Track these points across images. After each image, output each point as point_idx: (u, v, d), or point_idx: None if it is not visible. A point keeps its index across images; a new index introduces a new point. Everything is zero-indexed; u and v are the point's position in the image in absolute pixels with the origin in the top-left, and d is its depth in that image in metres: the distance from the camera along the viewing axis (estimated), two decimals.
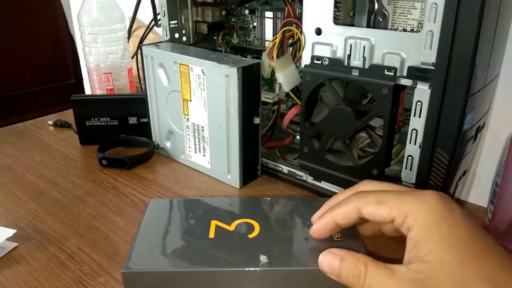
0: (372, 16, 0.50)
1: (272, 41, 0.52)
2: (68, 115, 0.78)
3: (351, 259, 0.32)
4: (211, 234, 0.40)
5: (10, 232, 0.47)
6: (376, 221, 0.33)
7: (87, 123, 0.70)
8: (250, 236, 0.40)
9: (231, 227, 0.41)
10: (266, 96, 0.61)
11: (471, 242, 0.28)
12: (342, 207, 0.34)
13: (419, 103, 0.42)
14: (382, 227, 0.39)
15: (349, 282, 0.31)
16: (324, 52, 0.48)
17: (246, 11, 0.64)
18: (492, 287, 0.26)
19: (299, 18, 0.50)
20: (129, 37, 0.88)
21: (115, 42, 0.76)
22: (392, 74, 0.43)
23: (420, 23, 0.48)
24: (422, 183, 0.44)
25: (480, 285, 0.26)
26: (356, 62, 0.46)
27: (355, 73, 0.46)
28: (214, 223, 0.42)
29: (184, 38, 0.68)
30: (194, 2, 0.66)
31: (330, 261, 0.32)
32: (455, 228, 0.29)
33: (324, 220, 0.36)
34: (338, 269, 0.32)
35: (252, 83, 0.53)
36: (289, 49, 0.53)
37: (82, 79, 1.29)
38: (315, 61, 0.49)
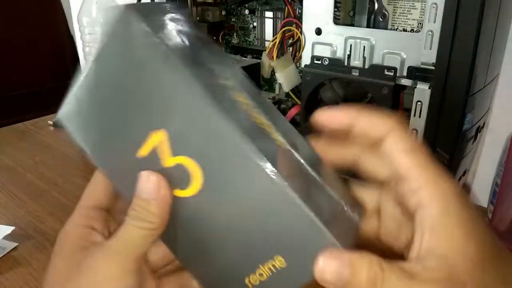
0: (372, 16, 0.50)
1: (272, 41, 0.52)
2: None
3: (362, 261, 0.23)
4: None
5: (9, 229, 0.47)
6: (386, 167, 0.25)
7: None
8: None
9: None
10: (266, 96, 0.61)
11: (489, 240, 0.23)
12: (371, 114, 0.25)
13: (419, 103, 0.42)
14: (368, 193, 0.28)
15: None
16: (324, 52, 0.48)
17: (246, 11, 0.64)
18: None
19: (299, 18, 0.50)
20: None
21: None
22: (392, 74, 0.43)
23: (420, 23, 0.48)
24: None
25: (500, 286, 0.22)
26: (356, 62, 0.46)
27: (355, 73, 0.46)
28: None
29: None
30: (194, 2, 0.66)
31: (336, 270, 0.22)
32: (475, 221, 0.23)
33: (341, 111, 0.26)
34: (348, 279, 0.22)
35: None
36: (289, 49, 0.53)
37: None
38: (315, 61, 0.49)
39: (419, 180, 0.23)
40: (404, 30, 0.49)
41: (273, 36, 0.58)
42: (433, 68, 0.40)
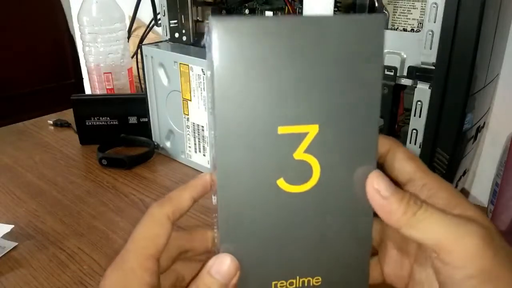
0: None
1: None
2: (68, 115, 0.78)
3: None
4: None
5: (8, 227, 0.47)
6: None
7: (87, 123, 0.70)
8: None
9: None
10: None
11: None
12: None
13: (419, 103, 0.42)
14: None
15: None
16: None
17: (246, 11, 0.64)
18: None
19: None
20: (129, 37, 0.88)
21: (115, 42, 0.76)
22: (392, 73, 0.43)
23: (420, 23, 0.48)
24: None
25: None
26: None
27: None
28: None
29: (184, 38, 0.67)
30: (194, 1, 0.66)
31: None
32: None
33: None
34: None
35: None
36: None
37: (82, 79, 1.29)
38: None
39: (424, 179, 0.24)
40: (404, 30, 0.49)
41: None
42: (433, 68, 0.40)
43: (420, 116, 0.43)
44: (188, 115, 0.60)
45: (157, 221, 0.25)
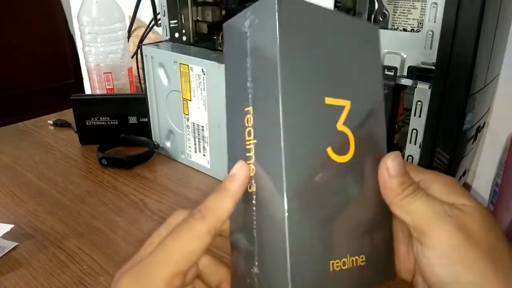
0: (372, 16, 0.50)
1: None
2: (68, 115, 0.78)
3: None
4: None
5: (8, 227, 0.47)
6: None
7: (87, 123, 0.70)
8: None
9: None
10: None
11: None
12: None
13: (419, 103, 0.42)
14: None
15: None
16: None
17: None
18: None
19: None
20: (129, 37, 0.88)
21: (115, 42, 0.76)
22: (392, 74, 0.43)
23: (420, 23, 0.48)
24: None
25: None
26: None
27: None
28: None
29: (184, 38, 0.67)
30: (194, 1, 0.66)
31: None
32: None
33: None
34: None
35: None
36: None
37: (82, 78, 1.29)
38: None
39: (420, 176, 0.26)
40: (405, 30, 0.49)
41: None
42: (433, 68, 0.40)
43: (420, 116, 0.43)
44: (188, 115, 0.60)
45: (197, 236, 0.23)
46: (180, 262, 0.22)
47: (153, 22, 0.78)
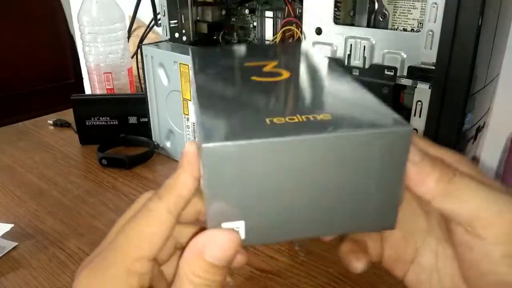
0: (372, 16, 0.50)
1: (272, 40, 0.52)
2: (68, 115, 0.78)
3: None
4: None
5: (8, 227, 0.47)
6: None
7: (87, 123, 0.70)
8: None
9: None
10: None
11: None
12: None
13: (419, 103, 0.42)
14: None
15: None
16: (324, 52, 0.48)
17: (246, 11, 0.64)
18: None
19: (299, 17, 0.50)
20: (129, 37, 0.88)
21: (115, 42, 0.76)
22: (392, 74, 0.43)
23: (420, 23, 0.48)
24: None
25: None
26: (356, 62, 0.46)
27: (355, 73, 0.46)
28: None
29: (184, 38, 0.67)
30: (194, 1, 0.66)
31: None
32: None
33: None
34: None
35: None
36: None
37: (82, 78, 1.29)
38: None
39: (439, 153, 0.22)
40: (404, 30, 0.49)
41: (273, 35, 0.58)
42: (433, 68, 0.40)
43: (420, 116, 0.43)
44: (188, 115, 0.60)
45: (157, 217, 0.21)
46: (140, 246, 0.21)
47: (153, 22, 0.78)
